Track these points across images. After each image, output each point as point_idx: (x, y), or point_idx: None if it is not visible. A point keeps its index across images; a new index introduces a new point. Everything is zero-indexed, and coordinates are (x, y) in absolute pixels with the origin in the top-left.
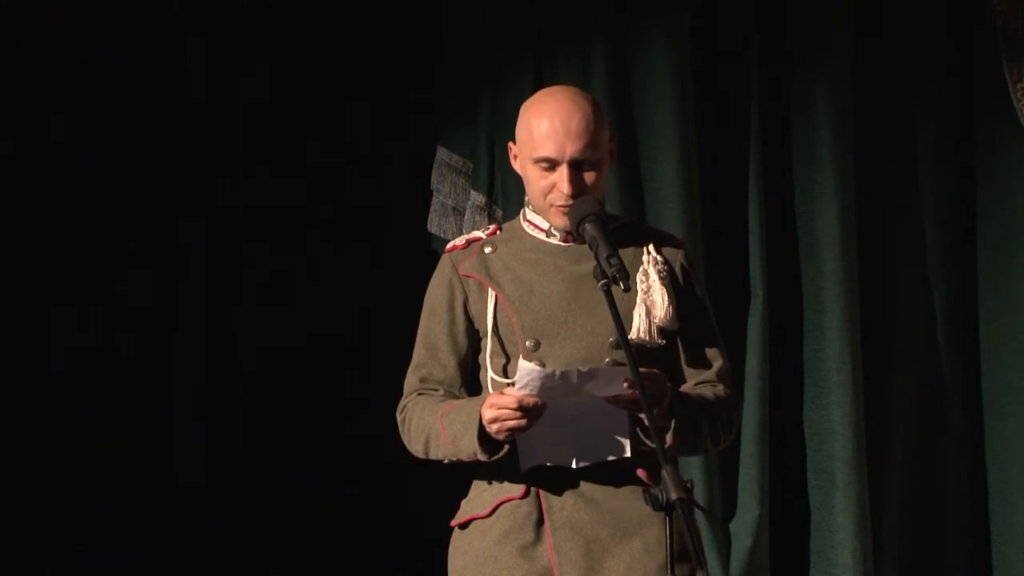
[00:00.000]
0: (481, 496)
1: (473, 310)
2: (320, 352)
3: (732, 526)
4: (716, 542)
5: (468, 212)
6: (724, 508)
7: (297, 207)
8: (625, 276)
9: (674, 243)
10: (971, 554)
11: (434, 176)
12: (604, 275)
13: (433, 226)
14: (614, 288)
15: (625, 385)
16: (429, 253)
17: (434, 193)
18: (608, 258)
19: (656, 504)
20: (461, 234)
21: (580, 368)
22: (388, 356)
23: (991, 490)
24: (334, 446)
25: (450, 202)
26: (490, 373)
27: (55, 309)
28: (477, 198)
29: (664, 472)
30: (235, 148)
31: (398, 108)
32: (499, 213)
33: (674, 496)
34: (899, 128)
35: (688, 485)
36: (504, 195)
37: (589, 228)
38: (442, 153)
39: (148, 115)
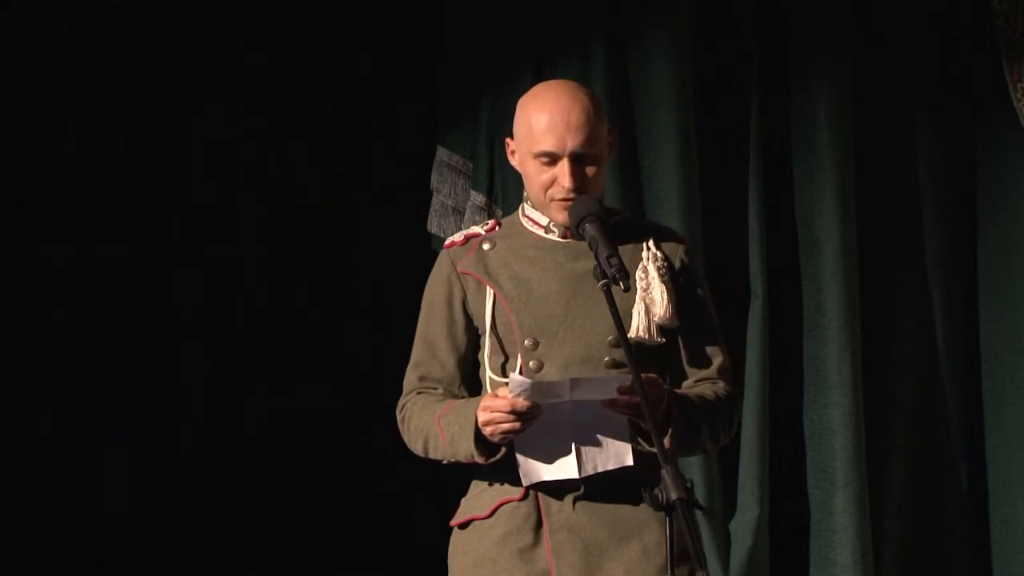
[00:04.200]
0: (480, 496)
1: (472, 308)
2: (320, 352)
3: (732, 526)
4: (716, 542)
5: (468, 212)
6: (724, 508)
7: (296, 207)
8: (625, 276)
9: (675, 238)
10: (971, 554)
11: (434, 176)
12: (604, 275)
13: (433, 226)
14: (614, 288)
15: (616, 391)
16: (429, 253)
17: (434, 193)
18: (608, 258)
19: (656, 504)
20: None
21: (571, 377)
22: (389, 356)
23: (991, 490)
24: (334, 447)
25: (450, 202)
26: (488, 372)
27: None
28: (477, 198)
29: (664, 472)
30: (234, 148)
31: (398, 108)
32: (499, 213)
33: (674, 496)
34: (899, 128)
35: (688, 484)
36: (504, 195)
37: (589, 228)
38: (442, 153)
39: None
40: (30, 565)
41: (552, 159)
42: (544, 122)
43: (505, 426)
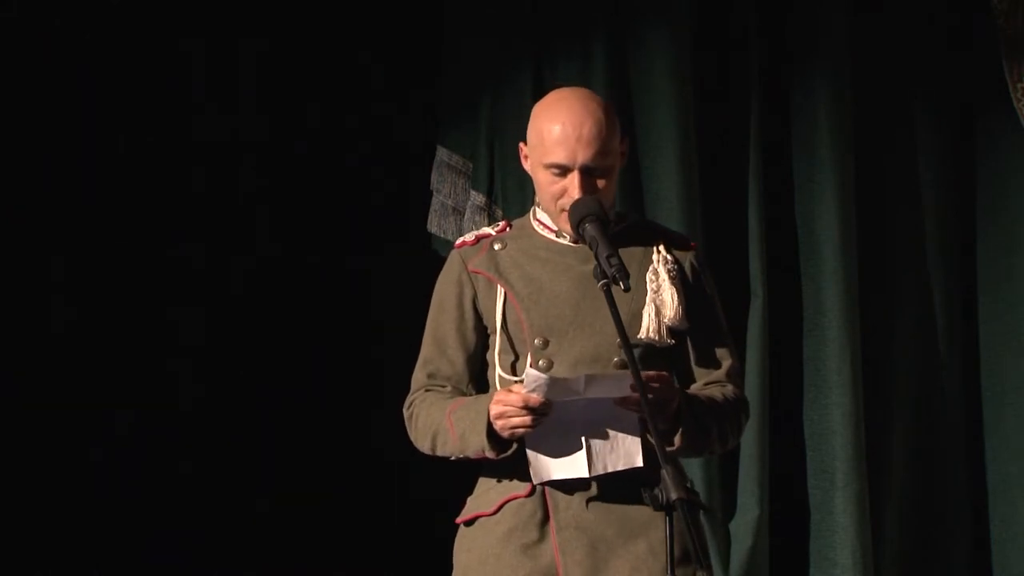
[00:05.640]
0: (487, 494)
1: (482, 307)
2: (322, 352)
3: (732, 526)
4: (716, 542)
5: (468, 212)
6: (724, 508)
7: (296, 208)
8: (625, 276)
9: (685, 243)
10: (971, 554)
11: (434, 176)
12: (604, 275)
13: (433, 226)
14: (614, 288)
15: (631, 389)
16: (429, 253)
17: (434, 193)
18: (608, 258)
19: (656, 504)
20: (461, 234)
21: (586, 374)
22: (389, 356)
23: (991, 490)
24: (338, 446)
25: (450, 202)
26: (498, 370)
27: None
28: (477, 198)
29: (664, 472)
30: (234, 147)
31: (398, 108)
32: (499, 213)
33: (674, 496)
34: (899, 128)
35: (689, 485)
36: (504, 195)
37: (589, 228)
38: (442, 153)
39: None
40: (30, 565)
41: (563, 171)
42: (556, 134)
43: (516, 420)
